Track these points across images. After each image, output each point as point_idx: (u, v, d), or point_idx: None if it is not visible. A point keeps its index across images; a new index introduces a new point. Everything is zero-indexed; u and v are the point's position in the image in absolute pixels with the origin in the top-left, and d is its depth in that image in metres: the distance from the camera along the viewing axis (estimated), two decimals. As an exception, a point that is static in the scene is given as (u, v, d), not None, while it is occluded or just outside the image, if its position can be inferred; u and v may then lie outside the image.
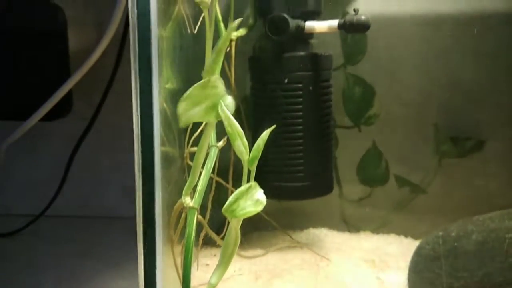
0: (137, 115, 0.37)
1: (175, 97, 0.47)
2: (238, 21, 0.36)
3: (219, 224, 0.55)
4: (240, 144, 0.34)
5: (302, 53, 0.52)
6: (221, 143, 0.42)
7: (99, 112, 0.75)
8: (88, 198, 0.81)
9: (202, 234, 0.49)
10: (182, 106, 0.34)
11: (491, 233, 0.45)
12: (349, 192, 0.67)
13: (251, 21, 0.54)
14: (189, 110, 0.34)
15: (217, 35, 0.52)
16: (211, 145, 0.41)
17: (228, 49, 0.52)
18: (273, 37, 0.48)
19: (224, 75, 0.53)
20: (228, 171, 0.56)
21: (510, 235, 0.44)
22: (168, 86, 0.45)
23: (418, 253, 0.50)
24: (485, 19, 0.67)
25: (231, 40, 0.51)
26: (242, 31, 0.53)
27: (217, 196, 0.55)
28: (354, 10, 0.49)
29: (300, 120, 0.52)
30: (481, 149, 0.68)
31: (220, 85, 0.34)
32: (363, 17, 0.48)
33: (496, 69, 0.68)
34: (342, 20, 0.49)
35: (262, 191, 0.35)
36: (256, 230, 0.63)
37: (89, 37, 0.77)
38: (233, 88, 0.53)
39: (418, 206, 0.69)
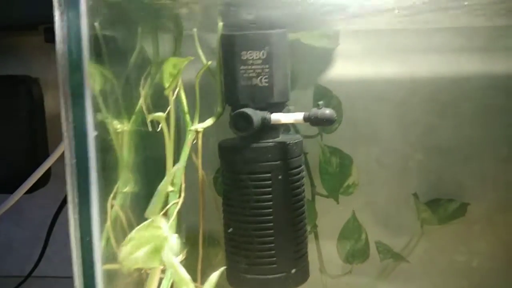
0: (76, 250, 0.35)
1: (135, 200, 0.46)
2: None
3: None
4: (188, 291, 0.33)
5: (270, 143, 0.51)
6: (180, 257, 0.41)
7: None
8: (71, 259, 0.81)
9: None
10: (125, 250, 0.33)
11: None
12: (330, 266, 0.66)
13: (219, 109, 0.53)
14: (132, 254, 0.33)
15: (183, 128, 0.52)
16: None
17: (194, 141, 0.51)
18: (237, 133, 0.48)
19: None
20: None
21: None
22: (126, 190, 0.44)
23: None
24: (464, 82, 0.66)
25: (197, 132, 0.51)
26: (209, 122, 0.52)
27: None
28: (318, 104, 0.48)
29: (270, 210, 0.51)
30: (464, 212, 0.67)
31: (164, 226, 0.33)
32: (327, 111, 0.47)
33: (476, 131, 0.67)
34: (307, 114, 0.48)
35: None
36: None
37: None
38: (200, 179, 0.52)
39: (402, 273, 0.68)
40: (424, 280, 0.68)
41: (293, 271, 0.52)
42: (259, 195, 0.51)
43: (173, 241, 0.34)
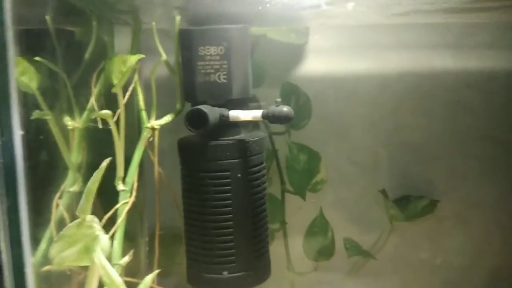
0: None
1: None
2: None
3: None
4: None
5: (229, 141, 0.50)
6: (126, 259, 0.40)
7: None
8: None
9: None
10: (55, 248, 0.32)
11: None
12: (298, 263, 0.65)
13: (178, 106, 0.52)
14: (62, 252, 0.32)
15: (139, 124, 0.51)
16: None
17: (151, 139, 0.50)
18: (192, 130, 0.46)
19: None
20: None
21: None
22: (73, 189, 0.43)
23: None
24: (435, 79, 0.65)
25: (154, 129, 0.50)
26: (167, 118, 0.51)
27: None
28: (276, 101, 0.47)
29: (230, 208, 0.50)
30: (434, 209, 0.67)
31: (96, 225, 0.32)
32: (285, 109, 0.46)
33: (447, 128, 0.66)
34: (266, 111, 0.47)
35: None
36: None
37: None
38: (156, 177, 0.51)
39: (372, 269, 0.67)
40: (393, 276, 0.68)
41: (253, 269, 0.51)
42: (218, 194, 0.49)
43: (105, 241, 0.33)
